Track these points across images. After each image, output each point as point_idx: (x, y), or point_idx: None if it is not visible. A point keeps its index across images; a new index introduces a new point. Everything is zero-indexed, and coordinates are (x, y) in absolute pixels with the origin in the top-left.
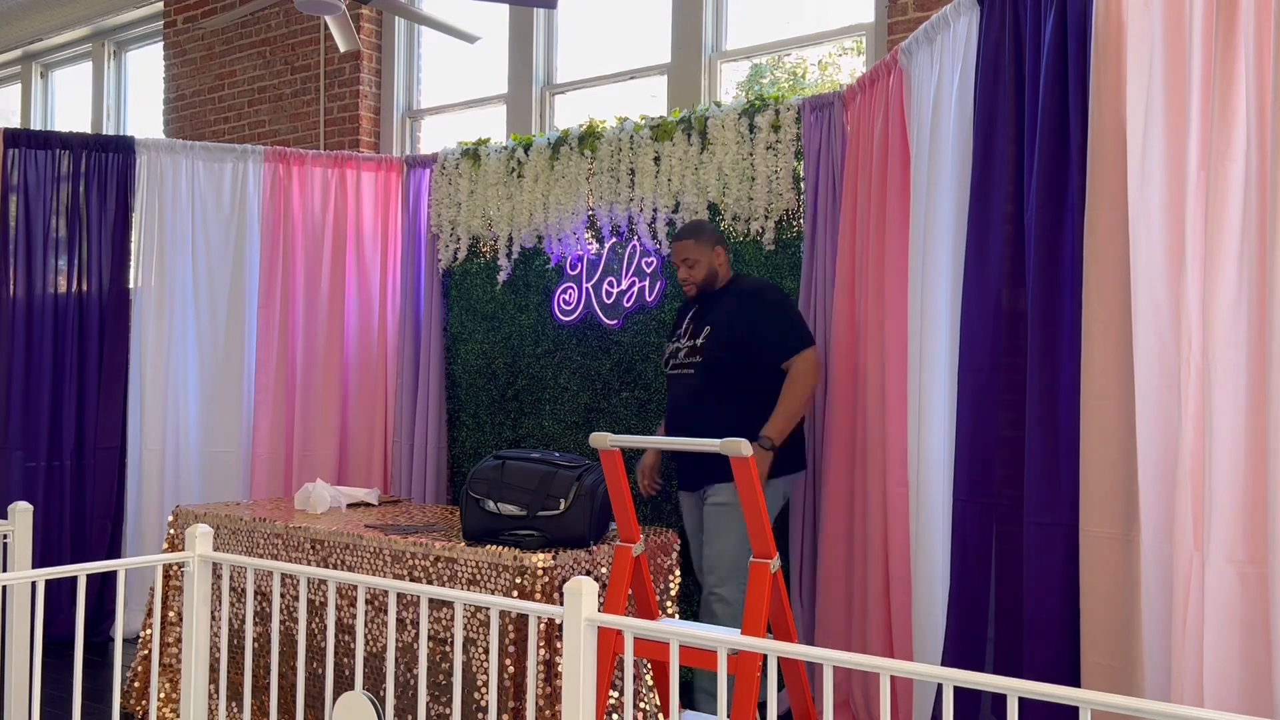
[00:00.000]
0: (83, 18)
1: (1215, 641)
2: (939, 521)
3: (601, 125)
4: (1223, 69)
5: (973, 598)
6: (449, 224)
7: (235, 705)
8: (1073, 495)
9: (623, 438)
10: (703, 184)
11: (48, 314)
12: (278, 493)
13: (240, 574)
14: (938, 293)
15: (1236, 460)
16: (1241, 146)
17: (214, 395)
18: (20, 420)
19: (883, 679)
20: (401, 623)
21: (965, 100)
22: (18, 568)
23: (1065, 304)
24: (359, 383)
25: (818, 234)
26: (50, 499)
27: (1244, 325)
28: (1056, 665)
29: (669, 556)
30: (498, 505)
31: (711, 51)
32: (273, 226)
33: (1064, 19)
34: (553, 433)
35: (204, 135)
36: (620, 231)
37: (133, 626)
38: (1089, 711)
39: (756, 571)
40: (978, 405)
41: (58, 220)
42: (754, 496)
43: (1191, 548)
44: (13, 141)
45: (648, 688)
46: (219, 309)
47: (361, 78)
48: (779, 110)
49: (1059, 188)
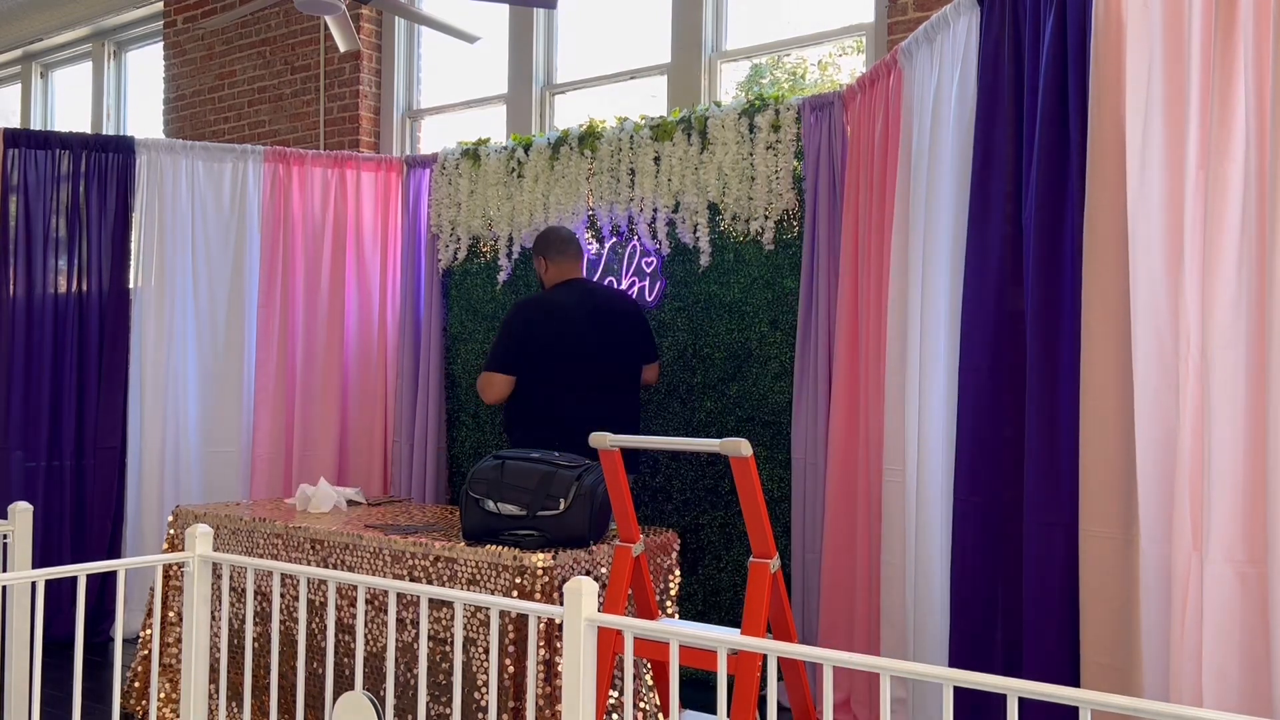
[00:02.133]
0: (83, 18)
1: (1214, 641)
2: (939, 521)
3: (601, 125)
4: (1221, 69)
5: (973, 598)
6: (449, 224)
7: (235, 705)
8: (1073, 495)
9: (622, 438)
10: (703, 184)
11: (48, 314)
12: (278, 493)
13: (240, 574)
14: (937, 293)
15: (1235, 460)
16: (1240, 147)
17: (214, 395)
18: (20, 420)
19: (883, 679)
20: (401, 623)
21: (965, 100)
22: (17, 568)
23: (1065, 304)
24: (359, 383)
25: (818, 234)
26: (50, 499)
27: (1243, 325)
28: (1056, 665)
29: (669, 556)
30: (497, 505)
31: (711, 51)
32: (273, 226)
33: (1063, 19)
34: None
35: (204, 135)
36: (620, 231)
37: (133, 626)
38: (1089, 711)
39: (756, 571)
40: (977, 405)
41: (58, 220)
42: (754, 496)
43: (1190, 548)
44: (13, 141)
45: (648, 687)
46: (219, 309)
47: (361, 78)
48: (779, 110)
49: (1058, 188)
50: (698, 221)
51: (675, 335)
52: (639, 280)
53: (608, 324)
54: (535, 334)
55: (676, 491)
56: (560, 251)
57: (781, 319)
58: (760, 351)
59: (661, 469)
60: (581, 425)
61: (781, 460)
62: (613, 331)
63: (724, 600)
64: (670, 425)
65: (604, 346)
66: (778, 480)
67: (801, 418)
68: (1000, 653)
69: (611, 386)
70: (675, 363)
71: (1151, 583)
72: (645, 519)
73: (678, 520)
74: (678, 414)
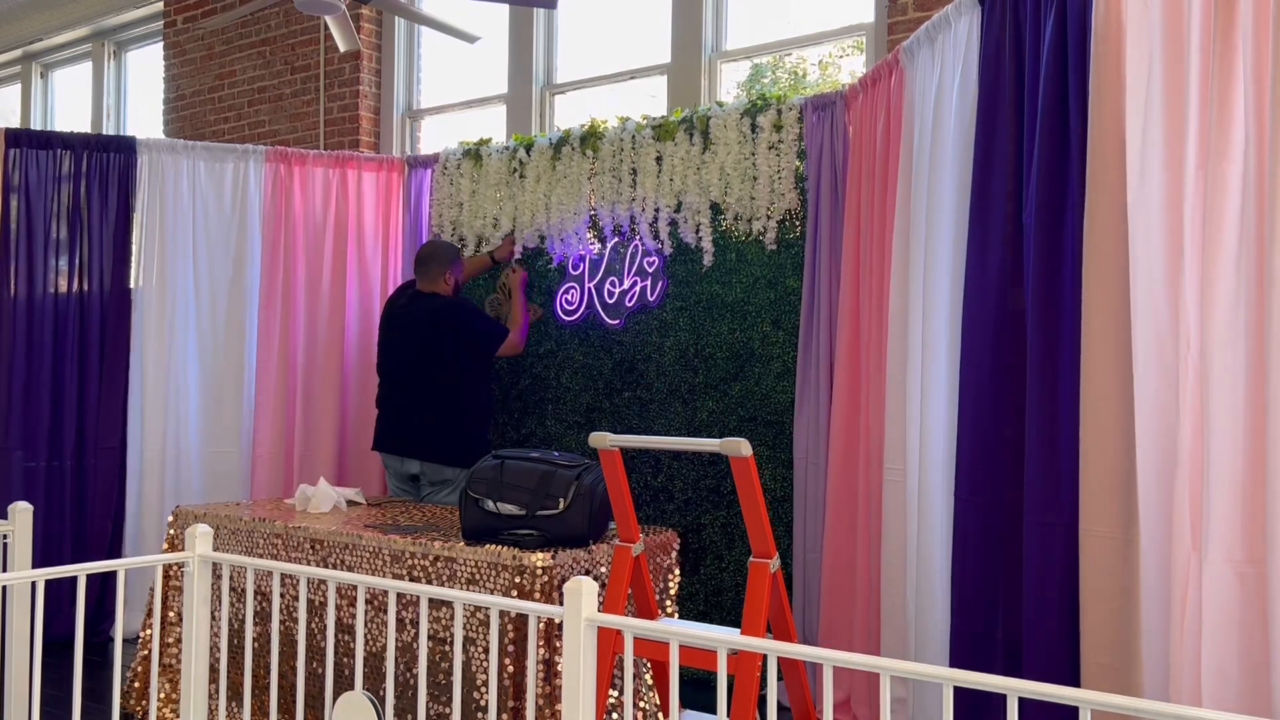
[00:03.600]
0: (83, 18)
1: (1214, 641)
2: (940, 521)
3: (603, 125)
4: (1221, 69)
5: (974, 597)
6: (451, 224)
7: (235, 705)
8: (1073, 495)
9: (622, 437)
10: (705, 184)
11: (48, 314)
12: (278, 493)
13: (240, 574)
14: (938, 292)
15: (1235, 460)
16: (1240, 146)
17: (215, 395)
18: (21, 420)
19: (883, 679)
20: (401, 622)
21: (966, 100)
22: (18, 568)
23: (1065, 303)
24: (360, 383)
25: (820, 234)
26: (51, 499)
27: (1242, 325)
28: (1056, 665)
29: (668, 556)
30: (497, 505)
31: (711, 51)
32: (274, 227)
33: (1064, 19)
34: (555, 432)
35: (204, 135)
36: (622, 231)
37: (133, 626)
38: (1089, 711)
39: (756, 571)
40: (978, 404)
41: (59, 220)
42: (753, 496)
43: (1190, 548)
44: (14, 141)
45: (648, 687)
46: (220, 309)
47: (361, 78)
48: (781, 110)
49: (1059, 187)
50: (700, 221)
51: (677, 335)
52: (641, 280)
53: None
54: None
55: (679, 491)
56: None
57: (784, 319)
58: (763, 351)
59: (664, 469)
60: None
61: (784, 460)
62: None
63: (726, 600)
64: (673, 425)
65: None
66: (780, 480)
67: (803, 417)
68: (1001, 652)
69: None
70: (677, 363)
71: (1151, 582)
72: (648, 519)
73: (680, 520)
74: (680, 414)
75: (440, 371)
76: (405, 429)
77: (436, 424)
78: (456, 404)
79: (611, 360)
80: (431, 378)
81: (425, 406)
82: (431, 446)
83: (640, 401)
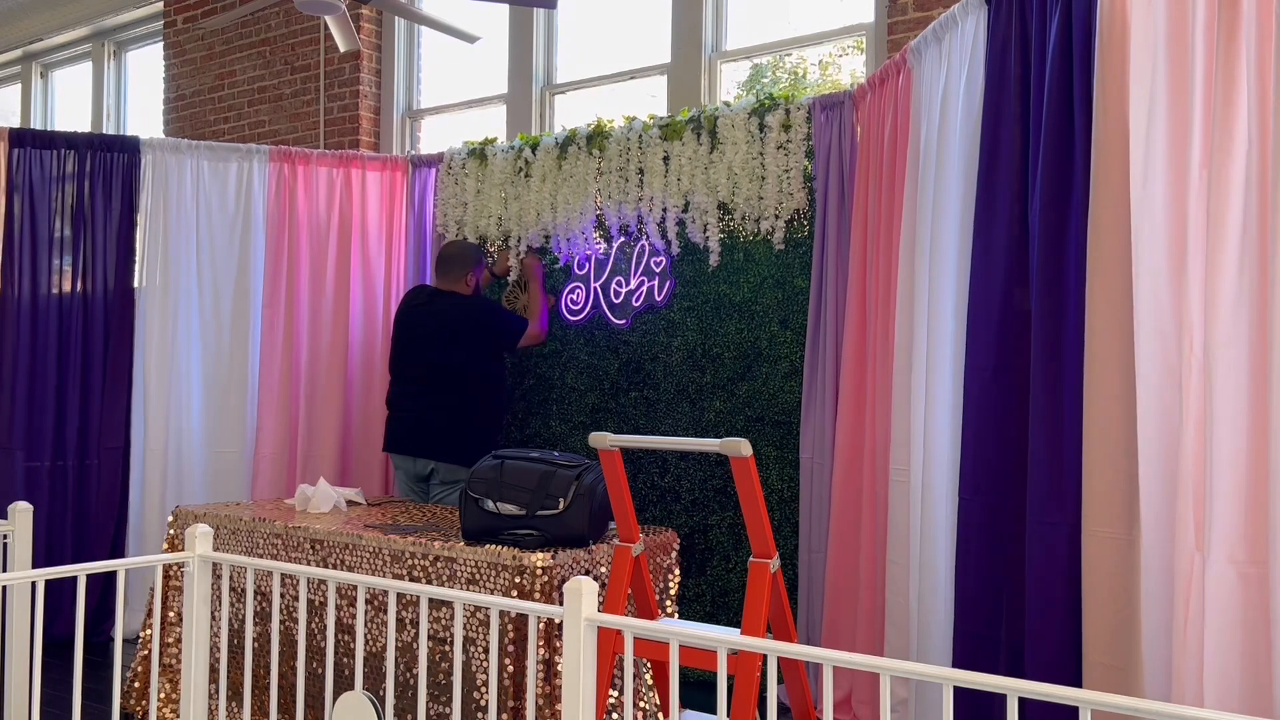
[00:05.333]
0: (83, 18)
1: (1216, 642)
2: (944, 521)
3: (610, 125)
4: (1224, 69)
5: (977, 597)
6: (455, 224)
7: (235, 705)
8: (1076, 495)
9: (621, 437)
10: (712, 183)
11: (52, 314)
12: (281, 493)
13: (240, 574)
14: (944, 292)
15: (1237, 460)
16: (1243, 146)
17: (218, 395)
18: (24, 420)
19: (883, 679)
20: (401, 622)
21: (972, 100)
22: (18, 568)
23: (1069, 304)
24: (363, 383)
25: (828, 233)
26: (53, 499)
27: (1245, 324)
28: (1058, 665)
29: (669, 556)
30: (497, 505)
31: (711, 51)
32: (277, 226)
33: (1069, 19)
34: (560, 433)
35: (204, 135)
36: (629, 231)
37: (133, 626)
38: (1089, 711)
39: (756, 571)
40: (983, 404)
41: (62, 220)
42: (754, 496)
43: (1193, 548)
44: (17, 141)
45: (648, 687)
46: (223, 309)
47: (361, 78)
48: (789, 110)
49: (1063, 187)
50: (707, 221)
51: (685, 335)
52: (648, 280)
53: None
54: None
55: (685, 492)
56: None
57: (792, 318)
58: (770, 351)
59: (671, 469)
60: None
61: (792, 460)
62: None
63: (733, 601)
64: (680, 425)
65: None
66: (788, 480)
67: (811, 418)
68: (1004, 652)
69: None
70: (684, 362)
71: (1154, 583)
72: (654, 519)
73: (686, 521)
74: (687, 414)
75: (462, 370)
76: (422, 429)
77: (455, 424)
78: (476, 403)
79: (618, 360)
80: (453, 376)
81: (444, 406)
82: (450, 446)
83: (647, 402)
